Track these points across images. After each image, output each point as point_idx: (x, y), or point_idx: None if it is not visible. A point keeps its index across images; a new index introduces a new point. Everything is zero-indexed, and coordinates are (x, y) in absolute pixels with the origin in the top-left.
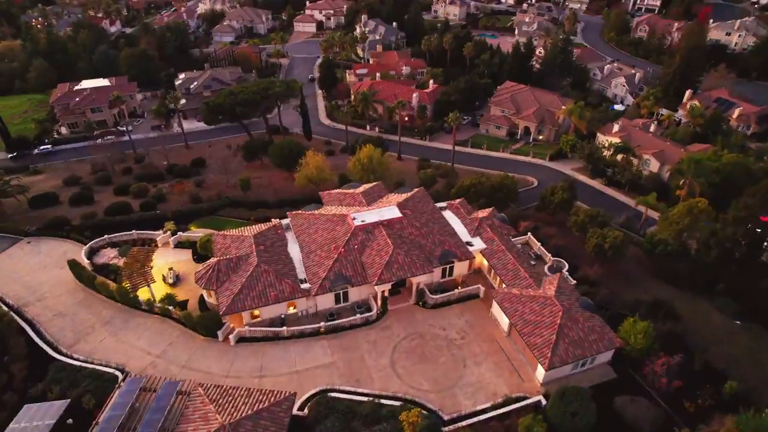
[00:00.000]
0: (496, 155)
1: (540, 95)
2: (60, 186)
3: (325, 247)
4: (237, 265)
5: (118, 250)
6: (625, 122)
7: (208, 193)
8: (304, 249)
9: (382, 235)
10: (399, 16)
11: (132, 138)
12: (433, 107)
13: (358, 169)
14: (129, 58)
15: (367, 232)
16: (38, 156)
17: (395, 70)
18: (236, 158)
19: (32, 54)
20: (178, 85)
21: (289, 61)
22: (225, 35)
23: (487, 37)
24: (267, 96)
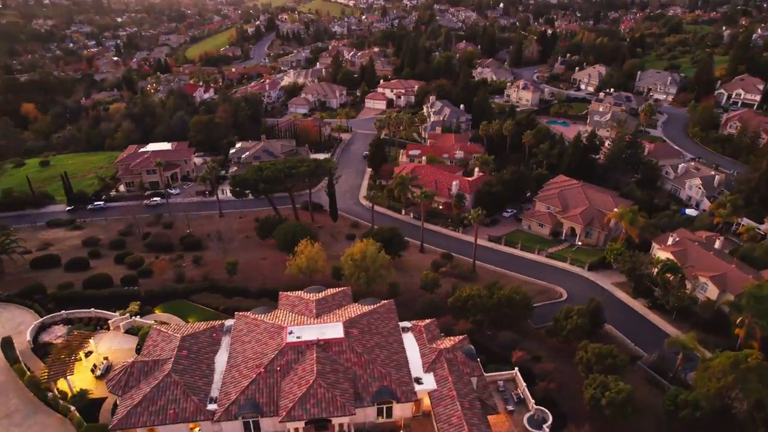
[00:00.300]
0: (529, 257)
1: (592, 194)
2: (79, 246)
3: (249, 363)
4: (152, 369)
5: (67, 330)
6: (684, 234)
7: (198, 272)
8: (231, 360)
9: (312, 358)
10: (468, 99)
11: (170, 202)
12: (473, 197)
13: (350, 265)
14: (197, 124)
15: (298, 352)
16: (90, 211)
17: (449, 154)
18: (247, 235)
19: (127, 116)
20: (231, 153)
21: (351, 136)
22: (300, 107)
23: (557, 124)
24: (291, 175)
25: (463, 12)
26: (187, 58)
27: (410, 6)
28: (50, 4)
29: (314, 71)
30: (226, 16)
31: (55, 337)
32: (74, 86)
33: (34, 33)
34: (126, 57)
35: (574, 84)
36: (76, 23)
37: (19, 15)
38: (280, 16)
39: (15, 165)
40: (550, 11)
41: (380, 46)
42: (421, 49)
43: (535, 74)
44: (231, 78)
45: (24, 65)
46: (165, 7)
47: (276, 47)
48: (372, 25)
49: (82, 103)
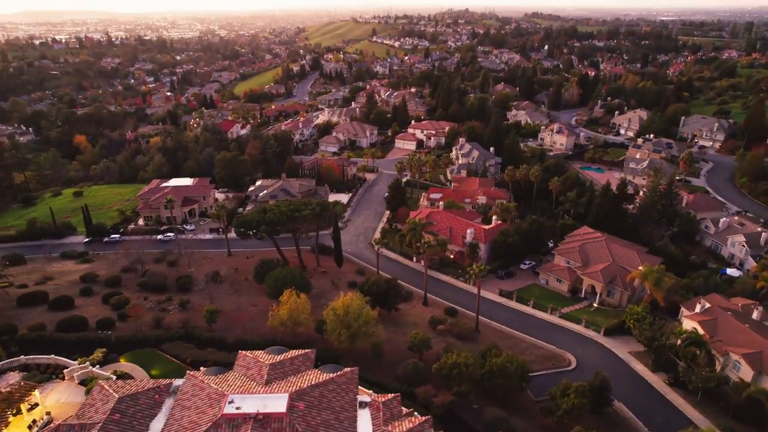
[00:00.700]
0: (540, 316)
1: (617, 248)
2: (76, 282)
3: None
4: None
5: (21, 377)
6: (716, 300)
7: (181, 317)
8: (166, 429)
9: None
10: (499, 142)
11: (183, 238)
12: (488, 247)
13: (332, 319)
14: (222, 160)
15: (234, 426)
16: (106, 244)
17: (471, 199)
18: (246, 277)
19: (160, 149)
20: (250, 191)
21: (376, 176)
22: (330, 146)
23: (591, 171)
24: (293, 218)
25: (507, 54)
26: (233, 95)
27: (454, 48)
28: (120, 44)
29: (348, 110)
30: (277, 55)
31: (6, 385)
32: (124, 120)
33: (102, 70)
34: (179, 92)
35: (613, 128)
36: (139, 61)
37: (91, 54)
38: (325, 55)
39: (53, 194)
40: (595, 54)
41: (417, 87)
42: (455, 90)
43: (574, 117)
44: (268, 115)
45: (87, 99)
46: (221, 46)
47: (318, 86)
48: (413, 66)
49: (126, 136)
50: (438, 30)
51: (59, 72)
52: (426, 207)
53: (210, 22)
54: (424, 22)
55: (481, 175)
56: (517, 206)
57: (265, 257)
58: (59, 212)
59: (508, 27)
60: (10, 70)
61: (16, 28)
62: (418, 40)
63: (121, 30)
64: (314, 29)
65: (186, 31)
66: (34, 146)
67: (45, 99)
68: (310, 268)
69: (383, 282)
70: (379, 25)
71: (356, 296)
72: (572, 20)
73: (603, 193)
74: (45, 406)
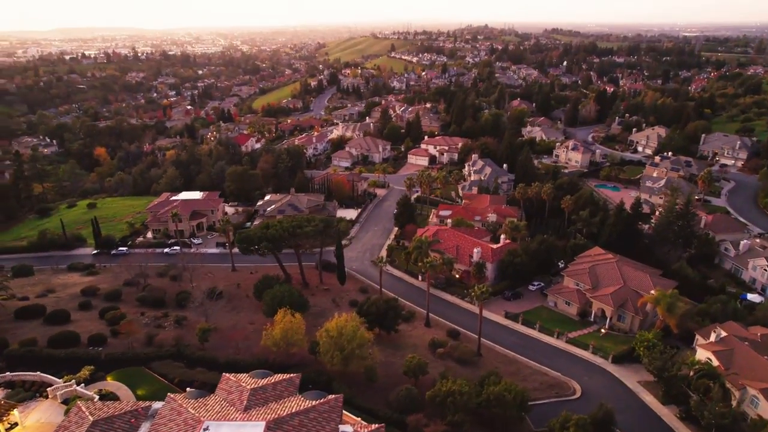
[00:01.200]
0: (546, 340)
1: (628, 271)
2: (77, 295)
3: None
4: None
5: (4, 395)
6: (734, 329)
7: (175, 334)
8: None
9: None
10: (512, 158)
11: (189, 252)
12: (496, 267)
13: (325, 341)
14: (232, 174)
15: None
16: (113, 256)
17: (481, 216)
18: (248, 294)
19: (173, 162)
20: (258, 205)
21: (387, 192)
22: (342, 160)
23: (607, 189)
24: (295, 234)
25: (525, 69)
26: (251, 109)
27: (472, 63)
28: (145, 59)
29: (363, 125)
30: (297, 69)
31: None
32: (144, 132)
33: (126, 84)
34: (199, 106)
35: (631, 146)
36: (162, 75)
37: (118, 69)
38: (343, 71)
39: (68, 206)
40: (615, 70)
41: (433, 102)
42: (469, 106)
43: (591, 134)
44: (284, 129)
45: (110, 113)
46: (243, 61)
47: (335, 101)
48: (430, 81)
49: (144, 149)
50: (457, 46)
51: (86, 86)
52: (435, 224)
53: (233, 38)
54: (443, 38)
55: (493, 192)
56: (528, 225)
57: (268, 273)
58: (72, 224)
59: (527, 43)
60: (40, 85)
61: (49, 44)
62: (436, 56)
63: (147, 45)
64: (334, 45)
65: (209, 47)
66: (57, 158)
67: (71, 112)
68: (312, 285)
69: (382, 302)
70: (398, 40)
71: (351, 317)
72: (592, 36)
73: (616, 212)
74: (24, 427)
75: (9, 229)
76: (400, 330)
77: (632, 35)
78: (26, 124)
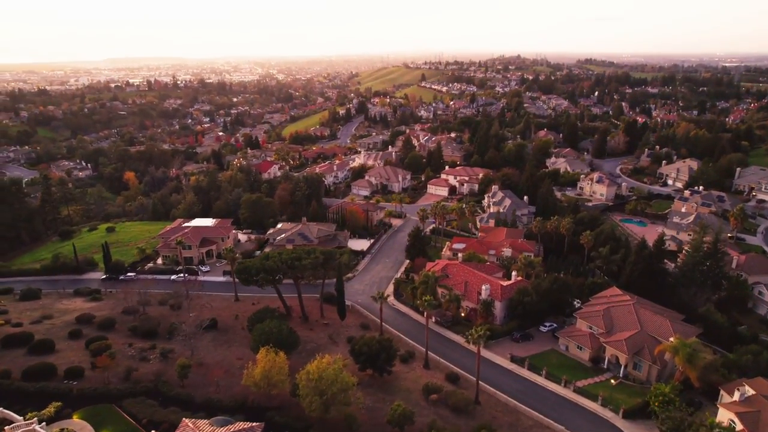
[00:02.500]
0: (553, 388)
1: (646, 315)
2: (71, 323)
3: None
4: None
5: None
6: (763, 387)
7: (155, 369)
8: None
9: None
10: (533, 190)
11: (196, 279)
12: (505, 306)
13: (305, 384)
14: (247, 201)
15: None
16: (121, 282)
17: (496, 251)
18: (243, 326)
19: (193, 188)
20: (268, 234)
21: (403, 222)
22: (362, 189)
23: (632, 224)
24: (293, 266)
25: (555, 100)
26: (279, 136)
27: (501, 93)
28: (183, 87)
29: (384, 154)
30: (329, 98)
31: None
32: (173, 158)
33: (164, 111)
34: (230, 132)
35: (660, 179)
36: (199, 102)
37: (157, 96)
38: (372, 99)
39: (89, 229)
40: (648, 100)
41: (457, 132)
42: (492, 136)
43: (619, 166)
44: (307, 157)
45: (145, 138)
46: (276, 89)
47: (362, 129)
48: (458, 111)
49: (170, 174)
50: (487, 76)
51: (126, 112)
52: (448, 257)
53: (270, 67)
54: (474, 68)
55: (511, 225)
56: (545, 261)
57: (269, 305)
58: (89, 247)
59: (559, 73)
60: (84, 111)
61: (99, 73)
62: (466, 86)
63: (188, 74)
64: (367, 74)
65: (247, 75)
66: (90, 181)
67: (110, 137)
68: (312, 319)
69: (375, 342)
70: (429, 70)
71: (335, 358)
72: (626, 67)
73: (638, 249)
74: None
75: (33, 250)
76: (396, 371)
77: (668, 65)
78: (66, 148)
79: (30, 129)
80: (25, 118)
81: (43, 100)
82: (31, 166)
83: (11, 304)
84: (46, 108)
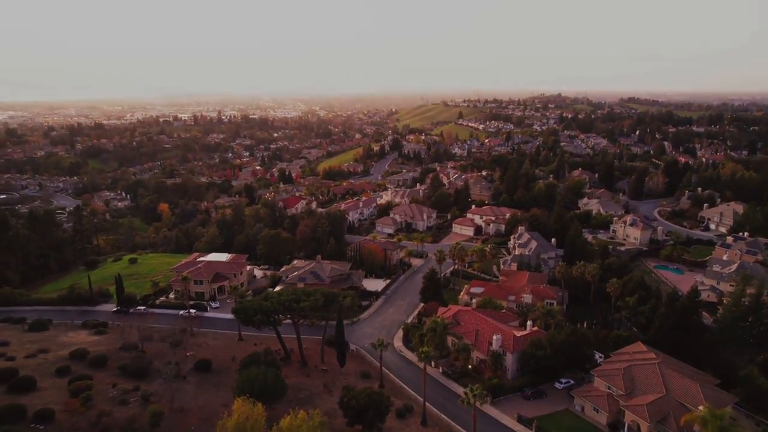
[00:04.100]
0: None
1: (673, 377)
2: (65, 357)
3: None
4: None
5: None
6: None
7: (131, 414)
8: None
9: None
10: (562, 233)
11: (204, 316)
12: (517, 358)
13: None
14: (264, 237)
15: None
16: (131, 315)
17: (516, 296)
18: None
19: (217, 222)
20: (282, 271)
21: (423, 263)
22: (386, 227)
23: (667, 271)
24: (291, 308)
25: (593, 139)
26: (314, 171)
27: (538, 131)
28: (227, 122)
29: (411, 191)
30: (367, 134)
31: None
32: (207, 191)
33: (206, 144)
34: (267, 167)
35: (701, 223)
36: (240, 137)
37: (201, 130)
38: (407, 136)
39: (114, 259)
40: (693, 140)
41: (489, 170)
42: (522, 175)
43: (657, 209)
44: (336, 193)
45: (186, 170)
46: (316, 125)
47: (395, 165)
48: (492, 149)
49: (201, 207)
50: (526, 114)
51: (171, 145)
52: (465, 302)
53: (313, 103)
54: (513, 106)
55: (534, 269)
56: (569, 309)
57: (270, 346)
58: (110, 278)
59: (600, 111)
60: (133, 144)
61: (153, 108)
62: (503, 124)
63: (234, 109)
64: (406, 111)
65: (290, 111)
66: (128, 211)
67: (153, 169)
68: (311, 363)
69: (364, 395)
70: (467, 108)
71: (313, 413)
72: (672, 105)
73: (668, 301)
74: None
75: (59, 279)
76: (389, 427)
77: (717, 104)
78: (111, 179)
79: (81, 160)
80: (79, 150)
81: (97, 133)
82: (77, 195)
83: (18, 334)
84: (99, 141)
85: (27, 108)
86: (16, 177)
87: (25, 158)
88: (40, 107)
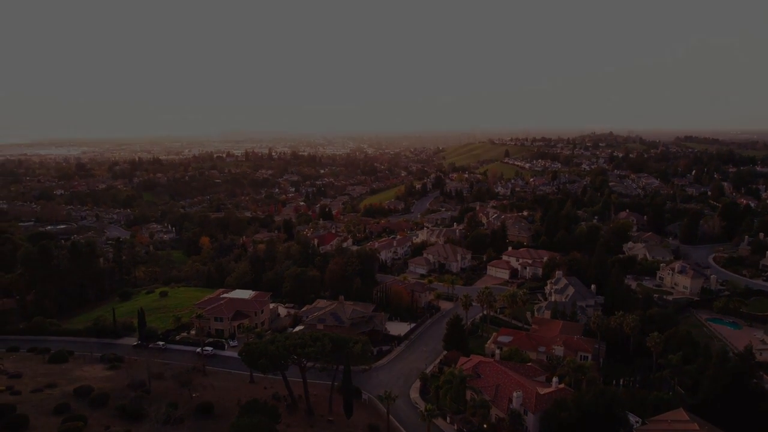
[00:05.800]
0: None
1: None
2: (69, 394)
3: None
4: None
5: None
6: None
7: None
8: None
9: None
10: (603, 278)
11: (220, 354)
12: (538, 419)
13: None
14: (292, 276)
15: None
16: (151, 350)
17: (546, 347)
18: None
19: (251, 258)
20: (303, 311)
21: (452, 306)
22: (419, 267)
23: (722, 325)
24: (297, 354)
25: (645, 179)
26: (355, 208)
27: (587, 171)
28: (277, 158)
29: (447, 231)
30: (412, 172)
31: None
32: (248, 225)
33: (254, 180)
34: (311, 203)
35: (763, 272)
36: (288, 173)
37: (251, 166)
38: (450, 174)
39: (147, 292)
40: (758, 180)
41: (530, 210)
42: (563, 216)
43: (711, 255)
44: (372, 230)
45: (232, 205)
46: (363, 162)
47: (437, 204)
48: (537, 188)
49: (239, 241)
50: (574, 153)
51: (221, 180)
52: (493, 351)
53: (362, 141)
54: (562, 144)
55: (570, 317)
56: (606, 365)
57: (279, 391)
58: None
59: (653, 151)
60: (185, 178)
61: (210, 145)
62: (550, 162)
63: (285, 146)
64: (452, 149)
65: (339, 148)
66: (172, 243)
67: (202, 203)
68: (318, 412)
69: None
70: (514, 146)
71: None
72: (733, 144)
73: (718, 361)
74: None
75: (95, 309)
76: None
77: None
78: (161, 212)
79: (136, 193)
80: (136, 183)
81: (155, 168)
82: (128, 227)
83: (35, 366)
84: (155, 175)
85: (100, 144)
86: (78, 208)
87: (89, 191)
88: (111, 143)
